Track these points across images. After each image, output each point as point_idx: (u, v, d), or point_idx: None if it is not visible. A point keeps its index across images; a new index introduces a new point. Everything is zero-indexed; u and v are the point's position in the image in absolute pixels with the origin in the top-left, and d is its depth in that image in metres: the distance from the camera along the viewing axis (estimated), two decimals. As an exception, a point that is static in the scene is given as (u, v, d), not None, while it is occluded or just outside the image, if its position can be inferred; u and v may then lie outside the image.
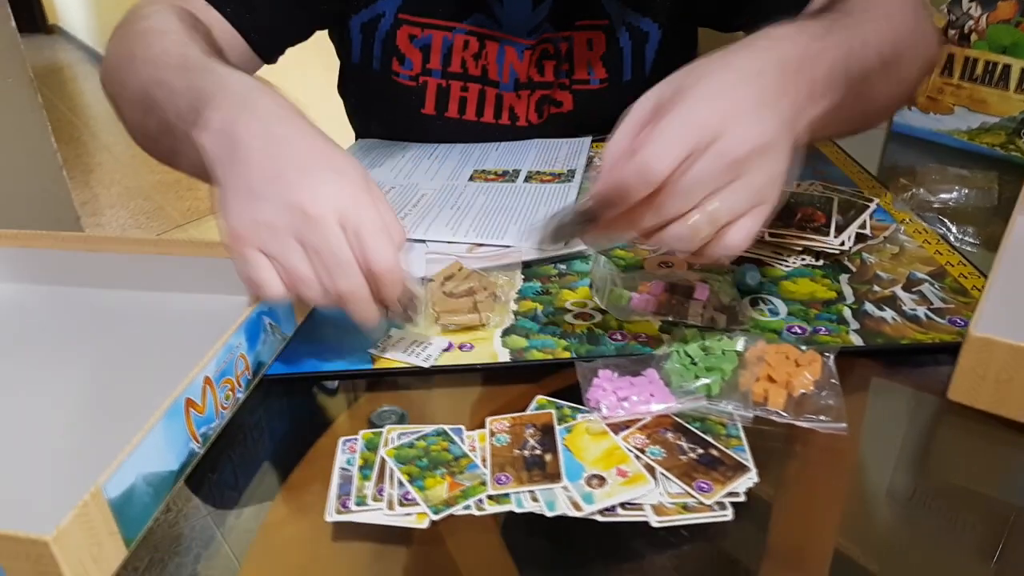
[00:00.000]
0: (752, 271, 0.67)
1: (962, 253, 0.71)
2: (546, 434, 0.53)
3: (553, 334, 0.63)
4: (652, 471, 0.49)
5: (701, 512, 0.47)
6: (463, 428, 0.54)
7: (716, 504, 0.47)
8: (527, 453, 0.52)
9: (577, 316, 0.66)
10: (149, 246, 0.70)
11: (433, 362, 0.61)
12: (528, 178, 0.89)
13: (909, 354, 0.60)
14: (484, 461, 0.51)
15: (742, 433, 0.52)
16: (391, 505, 0.48)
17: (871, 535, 0.48)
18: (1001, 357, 0.50)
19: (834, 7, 0.66)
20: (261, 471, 0.55)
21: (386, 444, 0.53)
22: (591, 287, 0.68)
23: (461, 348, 0.63)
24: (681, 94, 0.52)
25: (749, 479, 0.48)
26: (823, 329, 0.62)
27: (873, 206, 0.76)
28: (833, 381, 0.55)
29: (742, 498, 0.47)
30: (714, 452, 0.50)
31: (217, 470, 0.54)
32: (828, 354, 0.57)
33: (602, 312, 0.66)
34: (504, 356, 0.62)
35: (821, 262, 0.71)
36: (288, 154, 0.55)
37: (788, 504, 0.50)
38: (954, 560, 0.47)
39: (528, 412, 0.56)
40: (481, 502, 0.49)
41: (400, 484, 0.50)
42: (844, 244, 0.70)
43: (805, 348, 0.58)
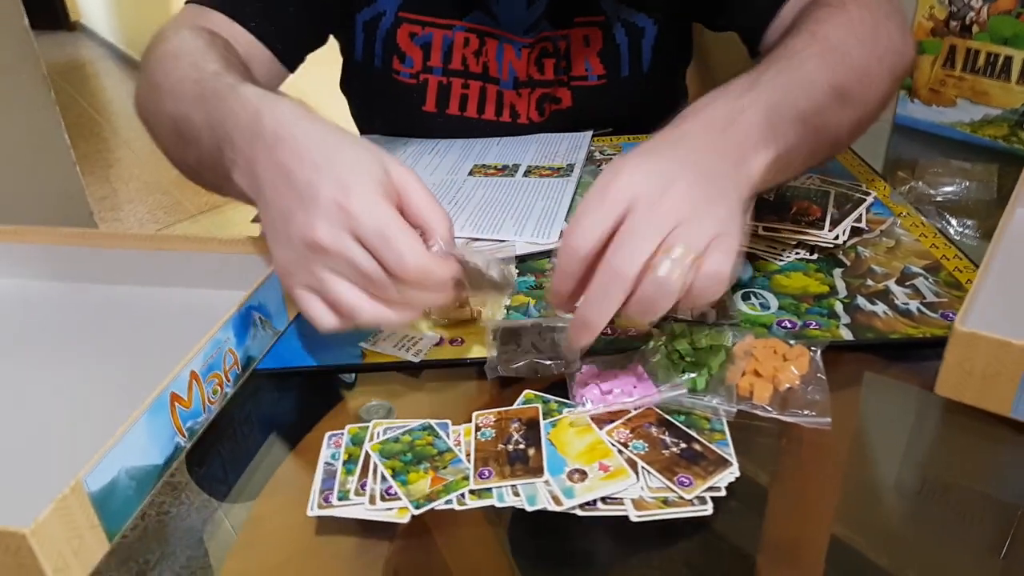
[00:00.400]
0: (743, 265, 0.67)
1: (959, 247, 0.71)
2: (531, 429, 0.53)
3: (542, 329, 0.63)
4: (634, 465, 0.49)
5: (681, 507, 0.47)
6: (449, 423, 0.55)
7: (696, 499, 0.47)
8: (511, 448, 0.52)
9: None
10: (147, 241, 0.71)
11: (423, 357, 0.62)
12: (528, 172, 0.89)
13: (899, 349, 0.60)
14: (468, 456, 0.52)
15: (726, 427, 0.52)
16: (373, 500, 0.48)
17: (854, 529, 0.48)
18: (987, 352, 0.49)
19: (779, 45, 0.65)
20: (248, 465, 0.55)
21: (372, 439, 0.54)
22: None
23: (452, 343, 0.63)
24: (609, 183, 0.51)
25: (731, 474, 0.48)
26: (813, 323, 0.61)
27: (870, 199, 0.76)
28: (820, 376, 0.55)
29: (722, 493, 0.47)
30: (696, 447, 0.50)
31: (204, 464, 0.54)
32: (815, 349, 0.56)
33: (594, 307, 0.66)
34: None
35: (815, 256, 0.70)
36: (291, 184, 0.53)
37: (769, 499, 0.50)
38: (938, 554, 0.47)
39: (514, 407, 0.56)
40: (463, 497, 0.49)
41: (383, 479, 0.50)
42: (838, 238, 0.70)
43: (793, 342, 0.58)
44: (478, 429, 0.54)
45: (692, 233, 0.49)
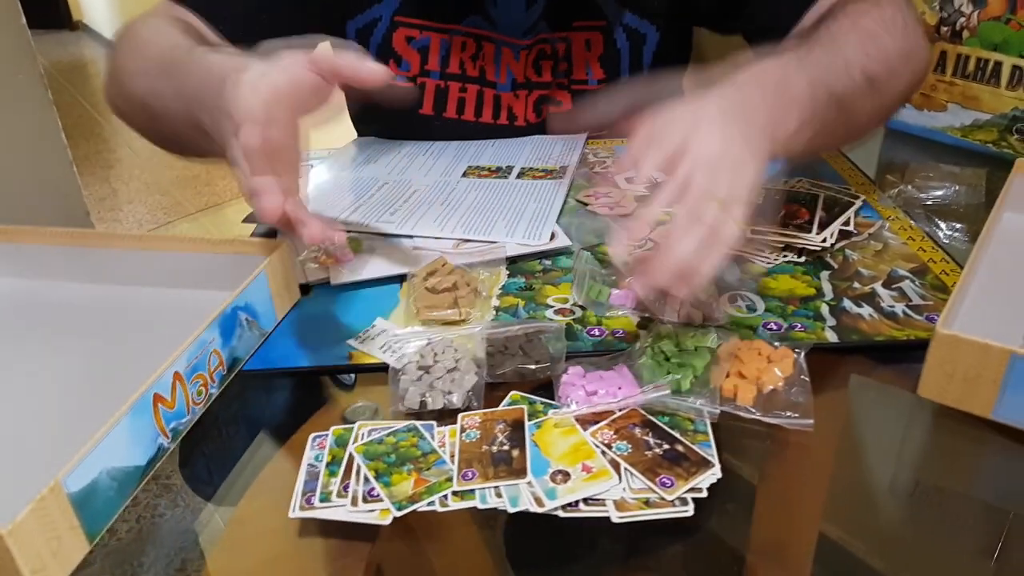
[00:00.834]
0: (731, 267, 0.67)
1: (946, 250, 0.71)
2: (516, 430, 0.53)
3: (529, 330, 0.63)
4: (617, 467, 0.49)
5: (662, 508, 0.47)
6: (434, 424, 0.55)
7: (678, 500, 0.47)
8: (495, 449, 0.52)
9: (558, 312, 0.66)
10: (135, 242, 0.71)
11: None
12: (521, 174, 0.90)
13: (883, 351, 0.60)
14: (452, 457, 0.52)
15: (709, 429, 0.52)
16: (355, 501, 0.48)
17: (836, 530, 0.48)
18: (968, 355, 0.49)
19: (820, 27, 0.69)
20: (233, 466, 0.55)
21: (356, 440, 0.54)
22: (572, 283, 0.68)
23: (438, 344, 0.63)
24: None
25: (712, 475, 0.48)
26: (799, 326, 0.61)
27: (858, 203, 0.76)
28: (803, 378, 0.55)
29: (704, 494, 0.47)
30: (679, 448, 0.50)
31: (188, 465, 0.54)
32: (799, 351, 0.57)
33: (583, 308, 0.66)
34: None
35: (803, 259, 0.70)
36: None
37: (751, 500, 0.50)
38: (920, 554, 0.47)
39: (500, 408, 0.56)
40: (446, 498, 0.49)
41: (366, 480, 0.50)
42: (826, 241, 0.70)
43: (778, 344, 0.58)
44: (463, 430, 0.54)
45: (724, 187, 0.53)
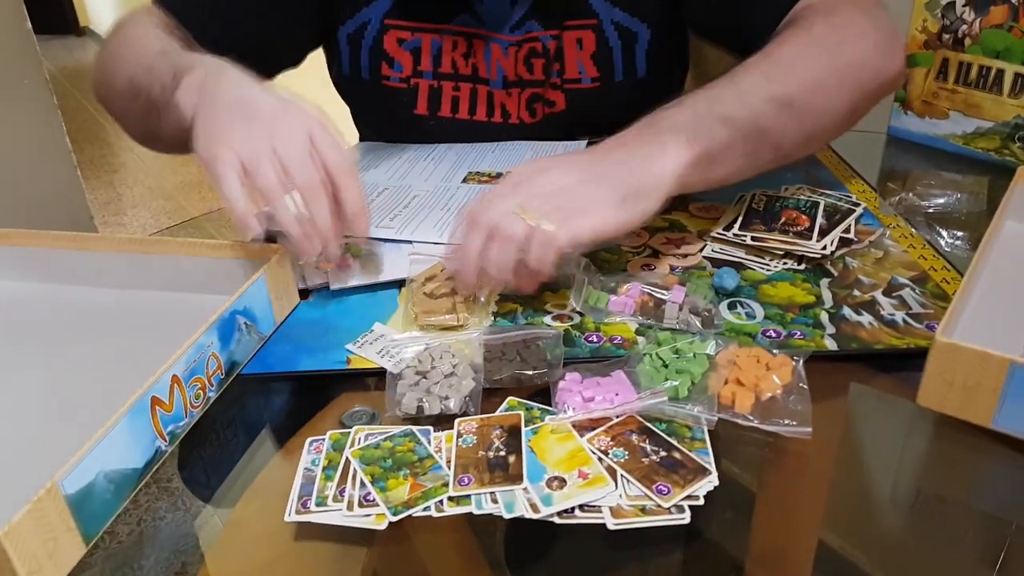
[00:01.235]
0: (730, 274, 0.67)
1: (947, 258, 0.71)
2: (512, 436, 0.53)
3: (528, 336, 0.63)
4: (614, 473, 0.49)
5: (658, 515, 0.46)
6: (431, 429, 0.55)
7: (674, 507, 0.47)
8: (491, 454, 0.52)
9: (556, 318, 0.66)
10: (134, 245, 0.71)
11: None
12: (521, 181, 0.89)
13: (883, 359, 0.59)
14: (449, 462, 0.52)
15: (707, 436, 0.52)
16: (351, 506, 0.48)
17: (833, 538, 0.48)
18: (968, 363, 0.49)
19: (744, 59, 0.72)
20: (230, 470, 0.55)
21: (353, 445, 0.54)
22: (571, 289, 0.68)
23: (436, 349, 0.63)
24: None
25: (709, 482, 0.48)
26: (798, 333, 0.61)
27: (859, 210, 0.76)
28: (802, 385, 0.54)
29: (701, 501, 0.47)
30: (676, 455, 0.50)
31: (186, 468, 0.54)
32: (798, 358, 0.56)
33: (582, 314, 0.66)
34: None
35: (803, 266, 0.70)
36: (257, 106, 0.65)
37: (747, 507, 0.50)
38: (917, 563, 0.47)
39: (497, 413, 0.56)
40: (441, 503, 0.49)
41: (362, 485, 0.50)
42: (826, 248, 0.70)
43: (777, 352, 0.57)
44: (460, 435, 0.54)
45: (539, 200, 0.60)
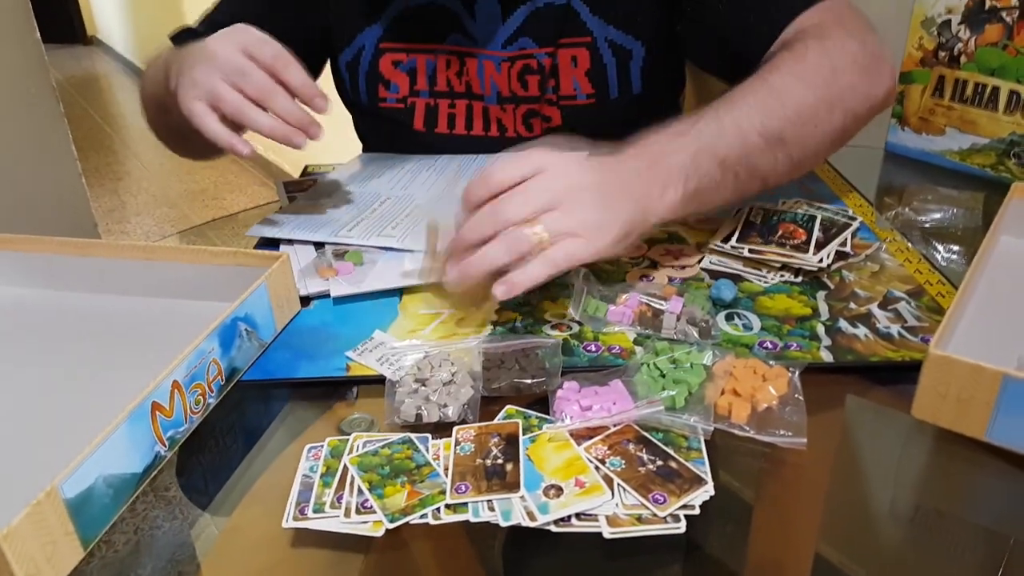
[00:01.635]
0: (728, 286, 0.67)
1: (943, 272, 0.71)
2: (510, 444, 0.54)
3: (526, 346, 0.64)
4: (611, 482, 0.50)
5: (654, 524, 0.47)
6: (429, 436, 0.55)
7: (670, 516, 0.47)
8: (489, 462, 0.52)
9: (555, 327, 0.66)
10: (137, 252, 0.72)
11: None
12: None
13: (878, 371, 0.60)
14: (446, 470, 0.52)
15: (703, 446, 0.52)
16: (348, 513, 0.49)
17: (826, 549, 0.48)
18: (961, 376, 0.49)
19: (741, 81, 0.73)
20: (229, 476, 0.55)
21: (351, 451, 0.54)
22: (570, 299, 0.68)
23: (435, 358, 0.63)
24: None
25: (705, 492, 0.48)
26: (794, 345, 0.62)
27: (856, 224, 0.76)
28: (797, 397, 0.55)
29: (696, 511, 0.47)
30: (673, 464, 0.51)
31: (185, 473, 0.54)
32: (794, 369, 0.57)
33: (580, 324, 0.66)
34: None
35: (799, 279, 0.71)
36: (202, 50, 0.75)
37: (743, 517, 0.50)
38: (911, 573, 0.47)
39: (495, 421, 0.56)
40: (438, 511, 0.49)
41: (360, 492, 0.50)
42: (823, 261, 0.70)
43: (773, 363, 0.58)
44: (457, 443, 0.54)
45: (557, 221, 0.61)
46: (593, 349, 0.63)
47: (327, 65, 1.04)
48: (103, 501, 0.47)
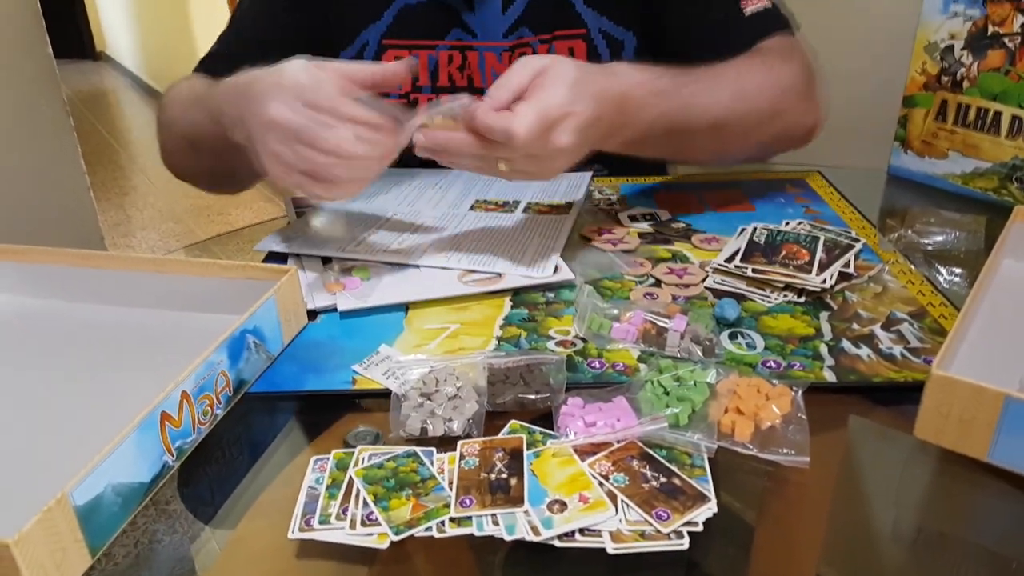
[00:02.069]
0: (731, 304, 0.68)
1: (945, 294, 0.72)
2: (514, 458, 0.54)
3: (531, 362, 0.64)
4: (614, 498, 0.50)
5: (657, 540, 0.47)
6: (434, 450, 0.55)
7: (673, 533, 0.47)
8: (493, 477, 0.52)
9: (560, 343, 0.67)
10: (147, 264, 0.72)
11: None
12: (527, 209, 0.91)
13: (880, 392, 0.60)
14: (451, 483, 0.52)
15: (707, 463, 0.53)
16: (353, 524, 0.49)
17: (828, 569, 0.48)
18: (963, 397, 0.50)
19: (737, 59, 0.85)
20: (235, 487, 0.55)
21: (356, 464, 0.54)
22: (575, 315, 0.69)
23: (441, 373, 0.64)
24: (544, 80, 0.68)
25: (709, 509, 0.49)
26: (797, 364, 0.62)
27: (859, 246, 0.77)
28: (800, 416, 0.55)
29: (699, 528, 0.48)
30: (676, 481, 0.51)
31: (192, 483, 0.55)
32: (797, 389, 0.57)
33: (585, 340, 0.67)
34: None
35: (803, 299, 0.71)
36: (251, 97, 0.69)
37: (745, 535, 0.50)
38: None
39: (499, 436, 0.57)
40: (443, 524, 0.49)
41: (365, 504, 0.51)
42: (826, 282, 0.71)
43: (776, 382, 0.58)
44: (462, 457, 0.54)
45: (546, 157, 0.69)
46: (597, 366, 0.64)
47: None
48: (111, 509, 0.47)
